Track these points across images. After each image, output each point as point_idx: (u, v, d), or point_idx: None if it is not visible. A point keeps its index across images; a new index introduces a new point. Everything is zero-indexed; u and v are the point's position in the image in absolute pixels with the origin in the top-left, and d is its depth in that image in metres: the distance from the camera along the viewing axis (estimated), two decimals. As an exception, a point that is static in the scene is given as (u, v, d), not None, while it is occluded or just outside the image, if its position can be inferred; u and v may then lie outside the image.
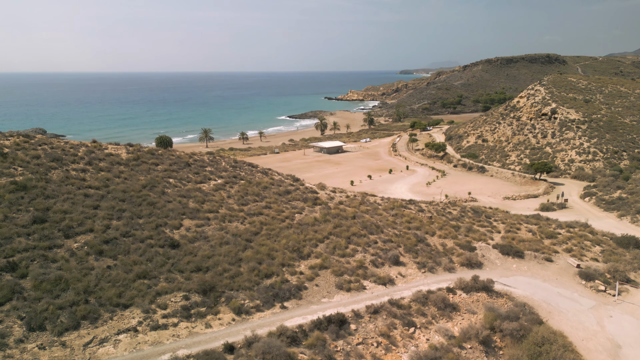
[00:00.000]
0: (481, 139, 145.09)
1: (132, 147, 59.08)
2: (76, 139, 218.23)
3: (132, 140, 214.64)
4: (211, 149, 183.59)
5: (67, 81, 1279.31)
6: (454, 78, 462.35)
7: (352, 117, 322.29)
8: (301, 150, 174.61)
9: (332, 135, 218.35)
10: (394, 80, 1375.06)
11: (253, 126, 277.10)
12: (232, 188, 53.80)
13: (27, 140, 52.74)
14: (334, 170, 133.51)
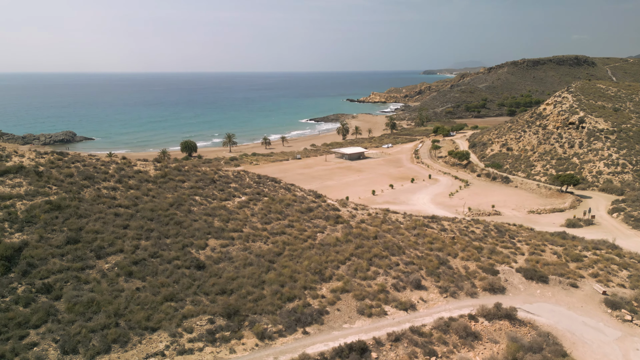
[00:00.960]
0: (506, 147, 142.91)
1: (160, 164, 60.69)
2: (105, 141, 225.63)
3: (159, 144, 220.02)
4: (234, 153, 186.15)
5: (96, 82, 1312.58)
6: (478, 80, 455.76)
7: (374, 120, 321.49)
8: (323, 156, 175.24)
9: (354, 140, 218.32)
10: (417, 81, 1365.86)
11: (276, 129, 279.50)
12: (256, 205, 54.75)
13: (61, 157, 54.83)
14: (356, 178, 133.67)
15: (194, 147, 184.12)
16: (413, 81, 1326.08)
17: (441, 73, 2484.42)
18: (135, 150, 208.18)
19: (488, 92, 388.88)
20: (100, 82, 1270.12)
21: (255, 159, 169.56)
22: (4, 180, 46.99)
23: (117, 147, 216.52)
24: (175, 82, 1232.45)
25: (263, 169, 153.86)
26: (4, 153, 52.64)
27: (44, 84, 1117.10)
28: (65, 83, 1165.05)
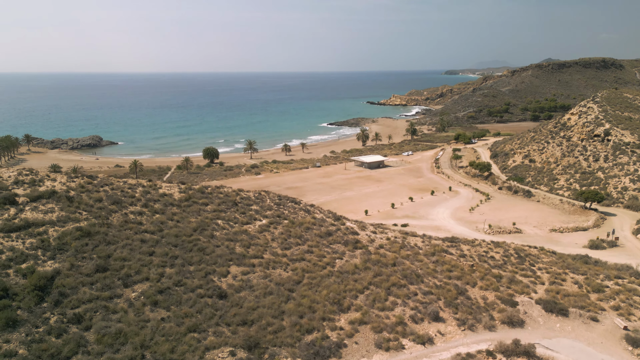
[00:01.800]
0: (528, 158, 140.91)
1: (184, 186, 62.39)
2: (130, 146, 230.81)
3: (182, 149, 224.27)
4: (255, 160, 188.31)
5: (122, 83, 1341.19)
6: (501, 84, 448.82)
7: (394, 124, 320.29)
8: (342, 164, 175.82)
9: (374, 147, 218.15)
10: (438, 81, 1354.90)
11: (296, 134, 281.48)
12: (276, 229, 55.83)
13: (90, 181, 56.98)
14: (375, 189, 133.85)
15: (215, 154, 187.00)
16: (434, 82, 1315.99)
17: (463, 73, 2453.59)
18: (159, 155, 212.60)
19: (511, 95, 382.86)
20: (125, 82, 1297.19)
21: (276, 167, 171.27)
22: (38, 206, 49.22)
23: (142, 152, 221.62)
24: (199, 83, 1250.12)
25: (283, 177, 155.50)
26: (37, 177, 55.04)
27: (71, 84, 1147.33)
28: (92, 84, 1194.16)
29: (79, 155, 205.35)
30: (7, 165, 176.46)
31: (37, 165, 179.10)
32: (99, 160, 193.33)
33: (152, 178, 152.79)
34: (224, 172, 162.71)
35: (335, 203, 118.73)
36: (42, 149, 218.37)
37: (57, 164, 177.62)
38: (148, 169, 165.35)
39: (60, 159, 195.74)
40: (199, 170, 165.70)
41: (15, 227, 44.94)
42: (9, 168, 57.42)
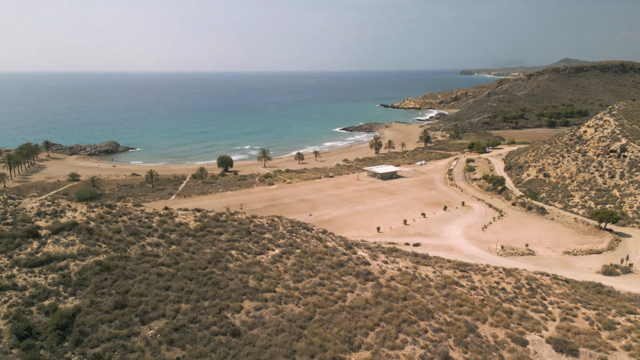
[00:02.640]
0: (542, 173, 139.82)
1: (199, 214, 63.74)
2: (146, 152, 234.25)
3: (197, 155, 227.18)
4: (269, 169, 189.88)
5: (138, 82, 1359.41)
6: (517, 88, 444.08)
7: (408, 130, 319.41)
8: (355, 174, 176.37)
9: (387, 155, 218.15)
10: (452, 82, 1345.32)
11: (309, 140, 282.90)
12: (289, 259, 56.84)
13: (109, 211, 58.73)
14: (387, 203, 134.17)
15: (229, 163, 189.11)
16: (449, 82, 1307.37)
17: (479, 73, 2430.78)
18: (174, 162, 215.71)
19: (527, 100, 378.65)
20: (142, 83, 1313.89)
21: (289, 177, 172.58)
22: (59, 239, 51.01)
23: (158, 158, 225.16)
24: (213, 84, 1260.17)
25: (296, 188, 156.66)
26: (58, 208, 56.92)
27: (89, 85, 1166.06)
28: (109, 84, 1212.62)
29: (97, 162, 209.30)
30: (27, 172, 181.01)
31: (56, 172, 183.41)
32: (116, 167, 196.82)
33: (167, 187, 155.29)
34: (238, 182, 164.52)
35: (348, 218, 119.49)
36: (61, 155, 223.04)
37: (76, 171, 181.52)
38: (163, 178, 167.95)
39: (79, 165, 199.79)
40: (213, 180, 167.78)
41: (38, 262, 46.72)
42: (31, 198, 59.43)
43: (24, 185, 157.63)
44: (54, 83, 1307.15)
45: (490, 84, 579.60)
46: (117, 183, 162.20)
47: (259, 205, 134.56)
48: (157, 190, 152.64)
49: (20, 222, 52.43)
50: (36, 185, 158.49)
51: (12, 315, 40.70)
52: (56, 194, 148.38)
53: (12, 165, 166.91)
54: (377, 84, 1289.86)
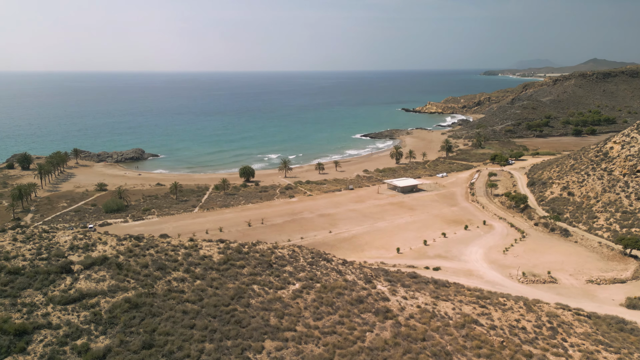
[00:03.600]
0: (567, 191, 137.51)
1: (223, 245, 65.50)
2: (170, 159, 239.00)
3: (219, 163, 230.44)
4: (289, 179, 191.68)
5: (163, 83, 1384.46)
6: (541, 93, 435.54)
7: (429, 137, 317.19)
8: (375, 186, 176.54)
9: (407, 165, 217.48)
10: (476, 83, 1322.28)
11: (329, 147, 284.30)
12: (309, 295, 58.06)
13: (137, 244, 61.05)
14: (408, 219, 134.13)
15: (251, 173, 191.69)
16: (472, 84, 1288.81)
17: (503, 74, 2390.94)
18: (197, 171, 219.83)
19: (552, 106, 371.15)
20: (166, 84, 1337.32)
21: (309, 189, 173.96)
22: (91, 274, 53.41)
23: (181, 165, 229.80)
24: (235, 85, 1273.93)
25: (316, 201, 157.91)
26: (90, 241, 59.51)
27: (116, 86, 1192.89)
28: (135, 84, 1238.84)
29: (123, 170, 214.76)
30: (57, 181, 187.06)
31: (85, 180, 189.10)
32: (142, 176, 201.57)
33: (191, 198, 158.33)
34: (259, 194, 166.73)
35: (367, 236, 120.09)
36: (89, 162, 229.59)
37: (103, 180, 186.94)
38: (187, 188, 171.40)
39: (106, 173, 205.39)
40: (235, 191, 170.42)
41: (71, 299, 49.08)
42: (65, 231, 62.15)
43: (54, 195, 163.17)
44: (82, 84, 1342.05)
45: (515, 88, 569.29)
46: (142, 193, 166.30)
47: (279, 220, 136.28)
48: (181, 202, 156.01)
49: (54, 256, 55.05)
50: (66, 195, 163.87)
51: (48, 355, 42.98)
52: (84, 204, 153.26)
53: (42, 174, 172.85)
54: (398, 86, 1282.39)
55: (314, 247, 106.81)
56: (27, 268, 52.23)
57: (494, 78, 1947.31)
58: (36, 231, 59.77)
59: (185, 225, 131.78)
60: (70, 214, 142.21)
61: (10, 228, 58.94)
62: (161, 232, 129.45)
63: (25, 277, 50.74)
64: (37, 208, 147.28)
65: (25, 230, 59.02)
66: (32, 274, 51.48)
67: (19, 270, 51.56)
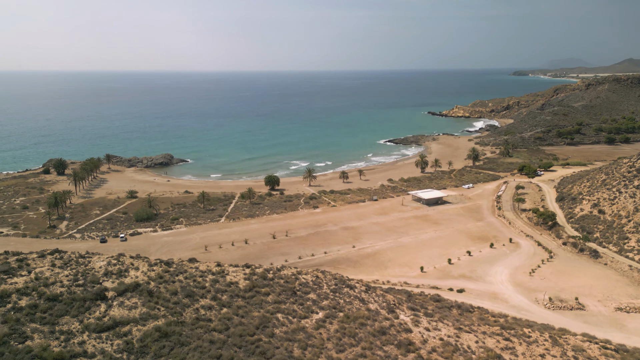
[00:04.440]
0: (597, 208, 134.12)
1: (249, 270, 67.20)
2: (198, 165, 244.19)
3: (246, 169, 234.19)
4: (314, 188, 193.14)
5: (192, 84, 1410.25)
6: (573, 98, 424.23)
7: (455, 143, 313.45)
8: (399, 198, 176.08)
9: (433, 175, 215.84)
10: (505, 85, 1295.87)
11: (354, 153, 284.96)
12: (332, 325, 59.08)
13: (167, 269, 63.34)
14: (432, 235, 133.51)
15: (276, 181, 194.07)
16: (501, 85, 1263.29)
17: (533, 74, 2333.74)
18: (224, 177, 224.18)
19: (584, 112, 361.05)
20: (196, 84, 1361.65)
21: (333, 199, 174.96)
22: (124, 301, 55.87)
23: (209, 171, 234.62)
24: (262, 86, 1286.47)
25: (340, 212, 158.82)
26: (123, 267, 62.15)
27: (148, 86, 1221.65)
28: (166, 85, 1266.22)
29: (153, 176, 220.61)
30: (91, 187, 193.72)
31: (116, 187, 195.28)
32: (170, 182, 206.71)
33: (218, 207, 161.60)
34: (284, 204, 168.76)
35: (391, 252, 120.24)
36: (120, 167, 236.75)
37: (134, 186, 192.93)
38: (214, 197, 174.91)
39: (136, 179, 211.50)
40: (260, 200, 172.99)
41: (105, 327, 51.52)
42: (100, 256, 65.01)
43: (88, 202, 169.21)
44: (114, 84, 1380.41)
45: (545, 91, 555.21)
46: (171, 201, 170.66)
47: (303, 232, 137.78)
48: (208, 210, 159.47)
49: (90, 283, 57.79)
50: (98, 202, 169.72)
51: (84, 385, 45.47)
52: (116, 212, 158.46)
53: (77, 181, 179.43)
54: (424, 86, 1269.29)
55: (338, 268, 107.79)
56: (65, 295, 55.06)
57: (524, 79, 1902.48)
58: (73, 256, 62.78)
59: (212, 236, 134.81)
60: (103, 222, 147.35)
61: (49, 253, 62.12)
62: (189, 243, 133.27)
63: (62, 304, 53.54)
64: (71, 215, 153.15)
65: (63, 256, 62.09)
66: (69, 300, 54.26)
67: (57, 297, 54.44)
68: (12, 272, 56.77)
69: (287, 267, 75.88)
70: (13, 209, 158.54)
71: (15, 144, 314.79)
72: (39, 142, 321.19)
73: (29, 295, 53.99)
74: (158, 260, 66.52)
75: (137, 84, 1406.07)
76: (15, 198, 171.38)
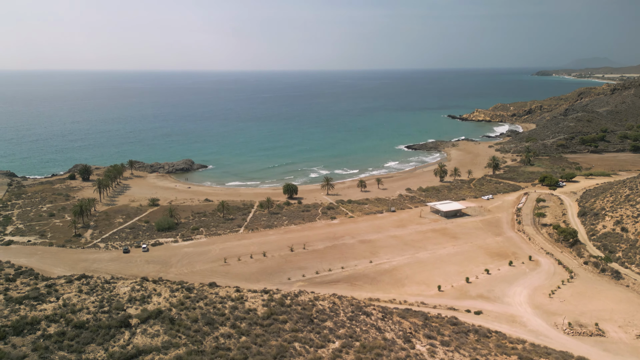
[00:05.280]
0: (620, 226, 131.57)
1: (267, 295, 68.63)
2: (218, 171, 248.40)
3: (265, 176, 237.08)
4: (331, 196, 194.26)
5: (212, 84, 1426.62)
6: (598, 103, 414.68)
7: (475, 150, 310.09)
8: (417, 209, 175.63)
9: (452, 185, 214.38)
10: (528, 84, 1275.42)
11: (372, 159, 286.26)
12: (348, 355, 59.97)
13: (188, 295, 65.25)
14: (450, 251, 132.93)
15: (294, 190, 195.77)
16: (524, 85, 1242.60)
17: (557, 74, 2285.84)
18: (243, 184, 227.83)
19: (609, 118, 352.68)
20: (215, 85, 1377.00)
21: (351, 209, 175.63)
22: (147, 329, 57.84)
23: (228, 178, 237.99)
24: (279, 86, 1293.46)
25: (358, 224, 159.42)
26: (146, 293, 64.30)
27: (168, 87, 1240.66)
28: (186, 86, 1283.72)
29: (174, 182, 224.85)
30: (114, 193, 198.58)
31: (139, 193, 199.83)
32: (191, 189, 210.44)
33: (237, 216, 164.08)
34: (302, 214, 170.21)
35: (408, 269, 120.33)
36: (143, 173, 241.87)
37: (155, 192, 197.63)
38: (233, 205, 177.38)
39: (158, 185, 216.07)
40: (278, 210, 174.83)
41: (129, 356, 53.46)
42: (124, 281, 67.33)
43: (111, 210, 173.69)
44: (136, 85, 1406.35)
45: (569, 95, 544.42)
46: (191, 210, 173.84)
47: (321, 245, 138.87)
48: (227, 220, 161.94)
49: (114, 309, 60.01)
50: (122, 210, 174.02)
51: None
52: (139, 220, 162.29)
53: (101, 189, 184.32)
54: (444, 87, 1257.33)
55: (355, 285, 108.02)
56: (91, 322, 57.35)
57: (548, 79, 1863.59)
58: (99, 282, 65.21)
59: (231, 248, 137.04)
60: (126, 231, 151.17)
61: (76, 278, 64.69)
62: (208, 254, 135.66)
63: (89, 332, 55.79)
64: (96, 224, 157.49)
65: (90, 281, 64.59)
66: (95, 328, 56.47)
67: (83, 324, 56.74)
68: (41, 299, 59.38)
69: (305, 292, 76.87)
70: (40, 216, 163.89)
71: (43, 148, 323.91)
72: (65, 147, 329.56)
73: (57, 322, 56.43)
74: (179, 285, 68.48)
75: (159, 84, 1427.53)
76: (42, 205, 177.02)
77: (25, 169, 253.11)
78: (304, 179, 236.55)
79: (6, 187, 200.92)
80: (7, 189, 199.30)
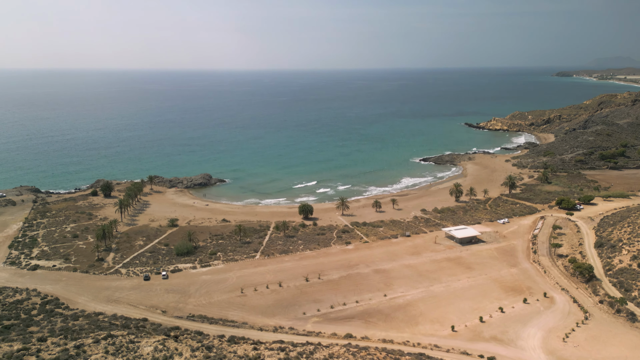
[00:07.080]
0: (637, 262, 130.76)
1: (283, 353, 71.13)
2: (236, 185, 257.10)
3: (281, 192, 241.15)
4: (346, 218, 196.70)
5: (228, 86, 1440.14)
6: (619, 114, 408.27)
7: (492, 165, 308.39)
8: (432, 234, 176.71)
9: (467, 205, 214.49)
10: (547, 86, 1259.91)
11: (387, 174, 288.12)
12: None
13: (208, 355, 67.99)
14: (464, 284, 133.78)
15: (310, 210, 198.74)
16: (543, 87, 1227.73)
17: (578, 75, 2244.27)
18: (260, 200, 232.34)
19: (630, 130, 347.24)
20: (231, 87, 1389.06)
21: (365, 232, 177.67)
22: (171, 393, 60.90)
23: (245, 194, 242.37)
24: (296, 88, 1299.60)
25: (372, 251, 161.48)
26: (168, 354, 67.39)
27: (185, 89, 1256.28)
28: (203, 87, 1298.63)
29: (192, 198, 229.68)
30: (135, 212, 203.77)
31: (158, 212, 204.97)
32: (209, 207, 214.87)
33: (253, 240, 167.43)
34: (317, 237, 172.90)
35: (422, 304, 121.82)
36: (162, 188, 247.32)
37: (174, 210, 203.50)
38: (249, 227, 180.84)
39: (177, 202, 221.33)
40: (294, 233, 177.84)
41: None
42: (147, 341, 70.57)
43: (132, 231, 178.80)
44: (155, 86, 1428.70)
45: (588, 104, 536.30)
46: (209, 232, 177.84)
47: (335, 274, 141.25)
48: (244, 244, 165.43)
49: (140, 372, 63.23)
50: (142, 230, 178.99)
51: None
52: (158, 242, 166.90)
53: (122, 208, 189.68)
54: (461, 90, 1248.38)
55: (369, 322, 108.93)
56: (119, 387, 60.66)
57: (568, 80, 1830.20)
58: (124, 341, 68.47)
59: (248, 276, 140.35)
60: (146, 255, 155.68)
61: (102, 338, 68.12)
62: (226, 283, 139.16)
63: (117, 398, 59.08)
64: (117, 246, 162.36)
65: (115, 341, 67.95)
66: (123, 393, 59.73)
67: (112, 390, 60.06)
68: (72, 362, 62.90)
69: (320, 347, 79.17)
70: (64, 237, 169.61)
71: (67, 159, 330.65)
72: (88, 158, 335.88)
73: (88, 386, 59.83)
74: (199, 343, 71.34)
75: (176, 87, 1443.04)
76: (66, 224, 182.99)
77: (50, 184, 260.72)
78: (320, 196, 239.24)
79: (31, 205, 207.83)
80: (32, 206, 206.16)
